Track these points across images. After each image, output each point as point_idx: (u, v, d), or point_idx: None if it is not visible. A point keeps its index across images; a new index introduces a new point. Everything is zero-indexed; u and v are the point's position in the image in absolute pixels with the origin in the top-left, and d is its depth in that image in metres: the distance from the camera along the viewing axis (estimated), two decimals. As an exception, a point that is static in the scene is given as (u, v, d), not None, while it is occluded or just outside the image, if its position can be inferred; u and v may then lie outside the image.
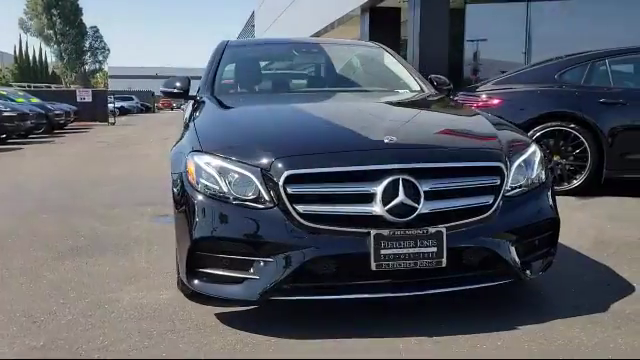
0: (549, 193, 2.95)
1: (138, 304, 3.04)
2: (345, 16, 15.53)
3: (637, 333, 2.61)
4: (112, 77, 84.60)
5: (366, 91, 4.24)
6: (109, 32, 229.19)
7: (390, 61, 4.62)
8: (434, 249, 2.52)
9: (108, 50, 78.18)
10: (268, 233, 2.54)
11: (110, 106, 27.65)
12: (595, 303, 2.94)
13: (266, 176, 2.57)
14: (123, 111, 38.62)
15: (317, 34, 19.01)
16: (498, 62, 12.62)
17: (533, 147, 2.99)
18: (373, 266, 2.49)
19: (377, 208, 2.50)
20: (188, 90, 4.00)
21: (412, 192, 2.51)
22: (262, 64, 4.71)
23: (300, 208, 2.51)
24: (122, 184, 7.36)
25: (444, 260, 2.53)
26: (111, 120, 26.36)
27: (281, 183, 2.52)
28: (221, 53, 4.30)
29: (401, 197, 2.50)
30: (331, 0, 16.63)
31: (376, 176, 2.53)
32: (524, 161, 2.87)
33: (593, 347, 2.48)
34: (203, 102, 3.70)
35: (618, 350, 2.45)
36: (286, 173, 2.53)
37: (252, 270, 2.57)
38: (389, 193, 2.50)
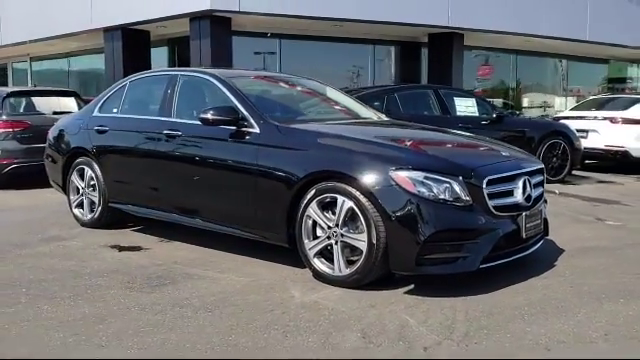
0: None
1: (337, 301, 3.60)
2: (79, 31, 13.69)
3: (589, 258, 4.62)
4: None
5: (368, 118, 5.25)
6: None
7: (335, 94, 5.71)
8: (539, 221, 4.09)
9: None
10: (475, 223, 3.66)
11: None
12: (555, 246, 4.89)
13: (467, 182, 3.65)
14: None
15: (21, 43, 15.78)
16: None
17: None
18: (524, 235, 3.89)
19: (519, 198, 3.91)
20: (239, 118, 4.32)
21: (529, 186, 4.00)
22: (275, 93, 5.12)
23: (492, 203, 3.71)
24: None
25: (542, 227, 4.13)
26: None
27: (484, 186, 3.68)
28: (230, 84, 4.59)
29: (528, 190, 3.98)
30: (55, 13, 14.03)
31: (516, 177, 3.93)
32: None
33: (588, 268, 4.36)
34: (288, 128, 4.22)
35: (600, 268, 4.42)
36: (487, 178, 3.70)
37: (463, 250, 3.62)
38: (522, 187, 3.93)
